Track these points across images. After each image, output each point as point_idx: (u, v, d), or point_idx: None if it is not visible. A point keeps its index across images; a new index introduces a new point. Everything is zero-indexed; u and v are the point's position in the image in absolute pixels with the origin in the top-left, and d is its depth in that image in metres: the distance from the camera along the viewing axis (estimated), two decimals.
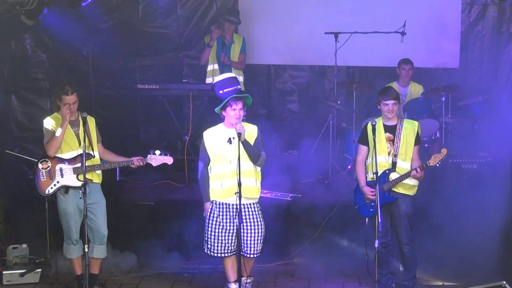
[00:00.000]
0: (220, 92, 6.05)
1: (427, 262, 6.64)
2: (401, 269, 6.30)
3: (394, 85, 8.46)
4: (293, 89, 9.57)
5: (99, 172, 6.14)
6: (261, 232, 5.93)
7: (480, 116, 8.46)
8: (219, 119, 6.01)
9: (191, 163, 7.83)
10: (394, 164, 6.08)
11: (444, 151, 5.94)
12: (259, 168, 5.96)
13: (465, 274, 6.55)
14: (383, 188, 6.04)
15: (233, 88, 6.04)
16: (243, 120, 5.95)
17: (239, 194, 5.63)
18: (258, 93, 9.44)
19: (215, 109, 5.93)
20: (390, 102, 6.08)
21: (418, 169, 5.95)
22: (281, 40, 9.24)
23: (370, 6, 9.03)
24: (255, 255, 5.94)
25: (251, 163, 5.87)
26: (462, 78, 9.10)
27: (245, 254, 5.91)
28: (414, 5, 9.01)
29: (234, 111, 5.79)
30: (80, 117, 6.00)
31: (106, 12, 8.91)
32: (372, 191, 6.01)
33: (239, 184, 5.63)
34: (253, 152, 5.84)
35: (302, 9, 9.18)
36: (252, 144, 5.87)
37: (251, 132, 5.94)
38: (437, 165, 5.93)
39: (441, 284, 6.60)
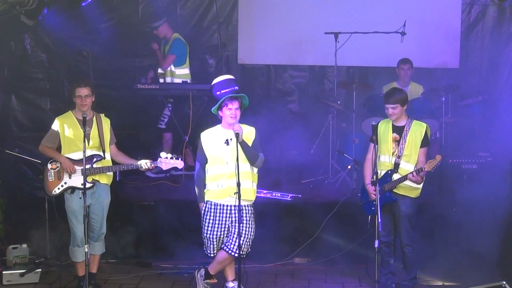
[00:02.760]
0: (218, 93, 6.08)
1: (427, 262, 6.64)
2: (402, 270, 6.31)
3: (394, 85, 8.45)
4: (293, 89, 9.57)
5: (109, 173, 6.15)
6: (251, 235, 5.91)
7: (480, 116, 8.46)
8: (219, 119, 6.01)
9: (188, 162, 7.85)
10: (396, 165, 6.07)
11: (438, 157, 5.93)
12: (255, 170, 5.95)
13: (465, 274, 6.55)
14: (384, 188, 6.04)
15: (230, 89, 6.07)
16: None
17: (238, 194, 5.63)
18: (258, 93, 9.44)
19: (212, 109, 5.94)
20: (389, 106, 6.08)
21: (414, 173, 5.95)
22: (281, 40, 9.23)
23: (370, 6, 9.03)
24: (234, 254, 5.83)
25: (248, 165, 5.86)
26: (462, 78, 9.10)
27: (226, 248, 5.86)
28: (414, 5, 9.01)
29: (230, 111, 5.79)
30: (95, 117, 6.10)
31: (106, 12, 8.91)
32: (375, 190, 6.01)
33: (238, 184, 5.62)
34: (251, 153, 5.83)
35: (302, 9, 9.18)
36: (250, 144, 5.87)
37: (249, 133, 5.93)
38: (432, 170, 5.94)
39: (441, 284, 6.60)
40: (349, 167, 8.06)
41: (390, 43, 8.51)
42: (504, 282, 5.72)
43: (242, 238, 5.77)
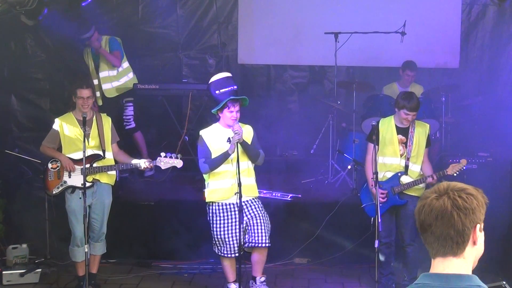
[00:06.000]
0: (217, 92, 5.92)
1: (427, 262, 6.62)
2: (402, 270, 6.30)
3: (395, 85, 8.47)
4: (293, 89, 9.56)
5: (111, 172, 6.14)
6: (268, 223, 5.92)
7: (480, 116, 8.46)
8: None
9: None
10: (406, 167, 6.07)
11: (463, 161, 5.95)
12: (252, 166, 5.97)
13: None
14: (393, 190, 6.03)
15: (230, 88, 5.94)
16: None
17: (239, 194, 5.63)
18: (258, 93, 9.43)
19: (212, 110, 5.93)
20: (412, 113, 6.01)
21: (435, 177, 5.93)
22: (281, 40, 9.22)
23: (370, 6, 9.02)
24: (265, 244, 5.83)
25: (249, 162, 5.89)
26: (462, 78, 9.09)
27: (258, 244, 5.82)
28: (414, 5, 9.00)
29: (231, 113, 5.78)
30: (95, 116, 6.09)
31: (106, 12, 8.91)
32: (382, 193, 6.00)
33: (239, 184, 5.62)
34: (253, 151, 5.85)
35: (302, 9, 9.17)
36: (250, 142, 5.88)
37: (247, 132, 5.95)
38: (455, 174, 5.93)
39: None
40: (349, 167, 8.05)
41: (390, 43, 8.50)
42: (504, 282, 5.73)
43: (262, 226, 5.80)
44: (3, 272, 6.60)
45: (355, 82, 8.30)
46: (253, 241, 5.83)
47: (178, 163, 6.06)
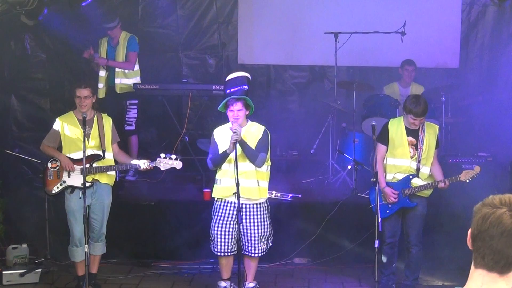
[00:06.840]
0: (227, 91, 6.10)
1: (427, 262, 6.63)
2: (404, 270, 6.29)
3: (395, 85, 8.47)
4: (293, 89, 9.56)
5: (110, 172, 6.14)
6: (264, 232, 5.96)
7: (480, 116, 8.46)
8: (219, 119, 6.04)
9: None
10: (418, 170, 6.06)
11: (477, 168, 5.95)
12: (265, 168, 5.97)
13: (465, 274, 6.52)
14: (404, 192, 6.03)
15: (238, 88, 6.02)
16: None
17: (238, 194, 5.65)
18: (258, 93, 9.43)
19: (218, 108, 5.99)
20: (418, 119, 5.97)
21: (447, 182, 5.94)
22: (281, 40, 9.22)
23: (370, 6, 9.02)
24: (255, 255, 5.96)
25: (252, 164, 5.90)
26: (462, 78, 9.09)
27: (247, 253, 5.95)
28: (414, 5, 9.00)
29: (232, 112, 5.83)
30: (96, 116, 6.08)
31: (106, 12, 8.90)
32: (394, 193, 6.00)
33: (237, 185, 5.65)
34: (249, 152, 5.85)
35: (302, 9, 9.17)
36: (255, 142, 5.89)
37: (253, 132, 5.96)
38: (467, 181, 5.93)
39: (441, 284, 6.60)
40: (349, 167, 8.05)
41: (390, 43, 8.50)
42: None
43: (254, 236, 5.89)
44: (3, 272, 6.60)
45: (355, 82, 8.30)
46: (246, 249, 5.95)
47: (178, 164, 6.09)
